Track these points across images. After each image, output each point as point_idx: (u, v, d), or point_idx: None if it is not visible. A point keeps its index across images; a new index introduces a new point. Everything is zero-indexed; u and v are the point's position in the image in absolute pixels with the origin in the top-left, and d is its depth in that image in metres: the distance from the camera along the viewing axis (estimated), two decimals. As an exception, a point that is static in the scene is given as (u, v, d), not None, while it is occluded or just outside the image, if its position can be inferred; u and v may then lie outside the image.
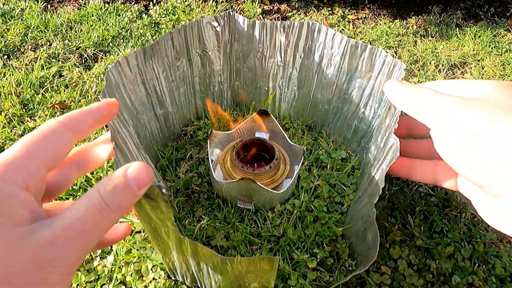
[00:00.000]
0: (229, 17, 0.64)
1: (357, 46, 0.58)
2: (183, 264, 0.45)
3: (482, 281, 0.53)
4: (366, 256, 0.47)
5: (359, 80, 0.61)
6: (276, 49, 0.66)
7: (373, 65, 0.58)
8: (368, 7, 1.25)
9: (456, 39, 1.09)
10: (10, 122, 0.75)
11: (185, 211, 0.60)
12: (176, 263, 0.46)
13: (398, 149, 0.39)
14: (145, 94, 0.60)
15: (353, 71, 0.61)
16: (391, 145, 0.43)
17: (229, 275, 0.41)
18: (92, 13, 1.12)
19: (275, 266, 0.38)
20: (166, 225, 0.36)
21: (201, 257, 0.39)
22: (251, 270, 0.39)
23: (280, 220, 0.59)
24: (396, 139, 0.40)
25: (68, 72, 0.88)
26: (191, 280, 0.49)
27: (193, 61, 0.66)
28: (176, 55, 0.62)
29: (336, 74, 0.63)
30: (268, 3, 1.24)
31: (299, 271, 0.53)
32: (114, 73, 0.52)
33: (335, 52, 0.61)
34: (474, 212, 0.62)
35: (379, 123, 0.57)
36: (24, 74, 0.86)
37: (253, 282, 0.44)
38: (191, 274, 0.47)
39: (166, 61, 0.61)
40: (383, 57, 0.55)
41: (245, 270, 0.39)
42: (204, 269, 0.43)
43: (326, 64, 0.64)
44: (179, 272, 0.49)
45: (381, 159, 0.47)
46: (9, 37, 0.99)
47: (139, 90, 0.58)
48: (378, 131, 0.56)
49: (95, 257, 0.55)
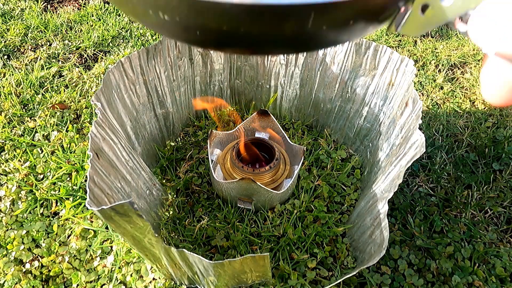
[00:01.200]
0: None
1: (361, 44, 0.58)
2: (176, 270, 0.45)
3: (482, 281, 0.53)
4: (370, 253, 0.47)
5: (362, 78, 0.61)
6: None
7: (378, 63, 0.58)
8: (368, 7, 1.24)
9: (456, 39, 1.09)
10: (10, 122, 0.75)
11: (185, 211, 0.60)
12: (169, 269, 0.46)
13: (423, 145, 0.40)
14: (146, 95, 0.60)
15: (357, 69, 0.61)
16: (415, 141, 0.43)
17: (223, 276, 0.41)
18: (92, 13, 1.12)
19: (267, 262, 0.38)
20: (148, 238, 0.35)
21: (192, 261, 0.39)
22: (243, 269, 0.39)
23: (280, 220, 0.59)
24: (421, 135, 0.41)
25: (68, 72, 0.88)
26: (188, 282, 0.49)
27: (194, 60, 0.66)
28: (178, 54, 0.62)
29: (339, 72, 0.63)
30: (268, 3, 1.24)
31: (299, 271, 0.53)
32: (115, 73, 0.52)
33: (338, 50, 0.61)
34: (474, 212, 0.62)
35: (387, 120, 0.57)
36: (24, 74, 0.86)
37: (250, 278, 0.43)
38: (187, 277, 0.47)
39: (168, 61, 0.61)
40: (389, 54, 0.55)
41: (238, 270, 0.39)
42: (198, 272, 0.43)
43: (329, 62, 0.64)
44: (175, 276, 0.49)
45: (400, 156, 0.47)
46: (9, 37, 0.99)
47: (140, 90, 0.58)
48: (391, 128, 0.56)
49: (95, 257, 0.55)
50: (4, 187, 0.63)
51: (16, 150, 0.69)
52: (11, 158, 0.68)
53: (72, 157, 0.67)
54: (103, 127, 0.43)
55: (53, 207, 0.61)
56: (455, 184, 0.66)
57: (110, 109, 0.50)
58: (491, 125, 0.79)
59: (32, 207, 0.61)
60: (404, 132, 0.49)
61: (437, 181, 0.67)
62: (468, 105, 0.85)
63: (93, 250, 0.55)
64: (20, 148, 0.70)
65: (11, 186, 0.63)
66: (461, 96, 0.88)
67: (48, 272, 0.53)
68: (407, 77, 0.52)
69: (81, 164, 0.66)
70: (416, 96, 0.48)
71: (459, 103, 0.85)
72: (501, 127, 0.79)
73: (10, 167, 0.66)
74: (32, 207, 0.61)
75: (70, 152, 0.69)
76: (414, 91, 0.48)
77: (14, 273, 0.52)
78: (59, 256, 0.55)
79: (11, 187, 0.63)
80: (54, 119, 0.75)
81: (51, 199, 0.62)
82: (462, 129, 0.78)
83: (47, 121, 0.75)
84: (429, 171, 0.68)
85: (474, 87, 0.91)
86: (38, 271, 0.53)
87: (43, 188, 0.63)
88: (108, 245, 0.56)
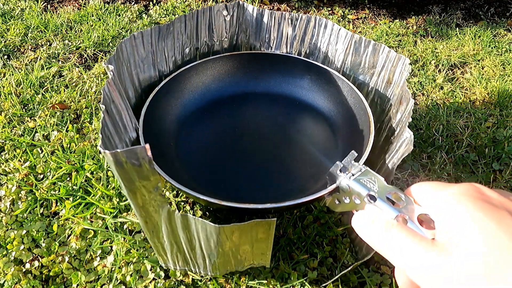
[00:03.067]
0: (238, 7, 0.64)
1: (360, 42, 0.58)
2: (173, 244, 0.44)
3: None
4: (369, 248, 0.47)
5: (361, 77, 0.61)
6: (282, 41, 0.66)
7: (376, 61, 0.58)
8: (368, 7, 1.25)
9: (456, 39, 1.09)
10: (10, 122, 0.75)
11: (185, 211, 0.60)
12: (166, 245, 0.45)
13: (411, 143, 0.40)
14: (153, 76, 0.60)
15: (356, 68, 0.61)
16: (404, 139, 0.43)
17: (224, 248, 0.41)
18: (92, 13, 1.12)
19: (271, 232, 0.38)
20: (154, 199, 0.35)
21: (193, 231, 0.39)
22: (246, 239, 0.39)
23: (280, 220, 0.59)
24: (410, 133, 0.41)
25: (68, 72, 0.88)
26: (182, 263, 0.49)
27: (200, 50, 0.66)
28: (186, 40, 0.63)
29: (340, 69, 0.64)
30: (268, 3, 1.24)
31: (299, 271, 0.53)
32: (127, 46, 0.52)
33: (339, 48, 0.62)
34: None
35: (385, 118, 0.57)
36: (24, 74, 0.86)
37: (249, 258, 0.43)
38: (182, 255, 0.46)
39: (177, 45, 0.62)
40: (386, 52, 0.56)
41: (240, 239, 0.38)
42: (197, 246, 0.42)
43: (330, 61, 0.64)
44: (170, 256, 0.48)
45: (392, 153, 0.47)
46: (9, 37, 0.99)
47: (147, 70, 0.59)
48: (385, 126, 0.56)
49: (95, 257, 0.55)
50: (4, 187, 0.63)
51: (16, 150, 0.69)
52: (11, 158, 0.68)
53: (72, 157, 0.67)
54: (114, 88, 0.44)
55: (53, 207, 0.61)
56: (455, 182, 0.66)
57: (120, 81, 0.50)
58: (491, 125, 0.79)
59: (32, 207, 0.61)
60: (399, 129, 0.49)
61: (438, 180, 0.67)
62: (468, 105, 0.85)
63: (93, 250, 0.55)
64: (20, 148, 0.70)
65: (11, 186, 0.63)
66: (461, 96, 0.88)
67: (48, 272, 0.53)
68: (403, 75, 0.53)
69: (81, 164, 0.66)
70: (408, 93, 0.48)
71: (459, 103, 0.85)
72: (501, 127, 0.79)
73: (10, 167, 0.66)
74: (32, 207, 0.61)
75: (70, 152, 0.69)
76: (406, 89, 0.48)
77: (14, 273, 0.52)
78: (59, 256, 0.55)
79: (11, 187, 0.63)
80: (54, 119, 0.75)
81: (51, 199, 0.62)
82: (462, 129, 0.78)
83: (47, 121, 0.75)
84: (429, 171, 0.68)
85: (474, 87, 0.91)
86: (38, 271, 0.53)
87: (43, 188, 0.63)
88: (108, 245, 0.56)
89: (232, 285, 0.52)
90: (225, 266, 0.47)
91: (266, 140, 0.61)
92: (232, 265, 0.47)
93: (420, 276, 0.22)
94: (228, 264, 0.46)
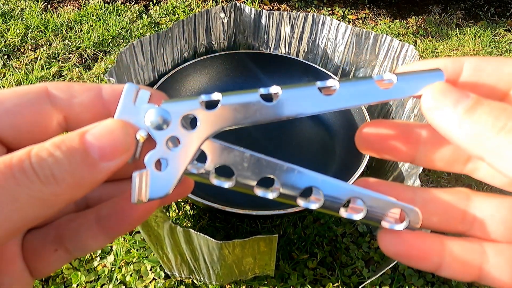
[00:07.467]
0: (235, 9, 0.64)
1: (361, 35, 0.58)
2: (177, 255, 0.44)
3: (482, 281, 0.53)
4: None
5: (362, 70, 0.61)
6: (281, 41, 0.66)
7: (378, 53, 0.58)
8: (368, 7, 1.25)
9: (456, 39, 1.09)
10: (10, 122, 0.75)
11: (184, 211, 0.60)
12: (170, 255, 0.45)
13: None
14: (151, 76, 0.61)
15: (357, 61, 0.61)
16: None
17: (227, 261, 0.41)
18: (92, 13, 1.12)
19: (273, 246, 0.38)
20: (155, 215, 0.35)
21: (196, 244, 0.39)
22: (248, 253, 0.39)
23: (280, 220, 0.59)
24: None
25: (68, 72, 0.88)
26: (187, 273, 0.49)
27: (198, 52, 0.66)
28: (185, 44, 0.63)
29: (340, 65, 0.64)
30: (268, 3, 1.24)
31: (299, 271, 0.53)
32: (127, 55, 0.52)
33: (339, 42, 0.61)
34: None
35: (388, 111, 0.57)
36: (24, 74, 0.86)
37: (252, 269, 0.43)
38: (187, 265, 0.46)
39: (175, 50, 0.62)
40: (388, 41, 0.55)
41: (243, 252, 0.38)
42: (200, 258, 0.42)
43: (330, 56, 0.64)
44: (174, 265, 0.48)
45: None
46: (9, 37, 0.99)
47: (148, 77, 0.59)
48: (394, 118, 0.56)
49: (95, 257, 0.55)
50: (4, 187, 0.63)
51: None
52: (11, 158, 0.68)
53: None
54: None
55: (53, 207, 0.61)
56: (455, 184, 0.66)
57: None
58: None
59: (32, 207, 0.61)
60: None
61: (437, 181, 0.67)
62: (468, 105, 0.85)
63: (93, 250, 0.55)
64: (20, 148, 0.70)
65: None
66: (461, 96, 0.88)
67: (48, 272, 0.53)
68: (408, 63, 0.53)
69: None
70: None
71: (459, 103, 0.85)
72: (501, 127, 0.79)
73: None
74: (32, 207, 0.61)
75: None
76: None
77: (14, 273, 0.52)
78: (59, 256, 0.55)
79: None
80: (54, 119, 0.75)
81: (51, 199, 0.62)
82: (462, 129, 0.78)
83: (47, 121, 0.75)
84: (429, 171, 0.68)
85: (474, 87, 0.91)
86: (38, 271, 0.53)
87: (43, 188, 0.63)
88: (108, 245, 0.56)
89: (232, 285, 0.51)
90: (229, 276, 0.47)
91: (261, 143, 0.61)
92: (236, 275, 0.47)
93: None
94: (232, 274, 0.46)
